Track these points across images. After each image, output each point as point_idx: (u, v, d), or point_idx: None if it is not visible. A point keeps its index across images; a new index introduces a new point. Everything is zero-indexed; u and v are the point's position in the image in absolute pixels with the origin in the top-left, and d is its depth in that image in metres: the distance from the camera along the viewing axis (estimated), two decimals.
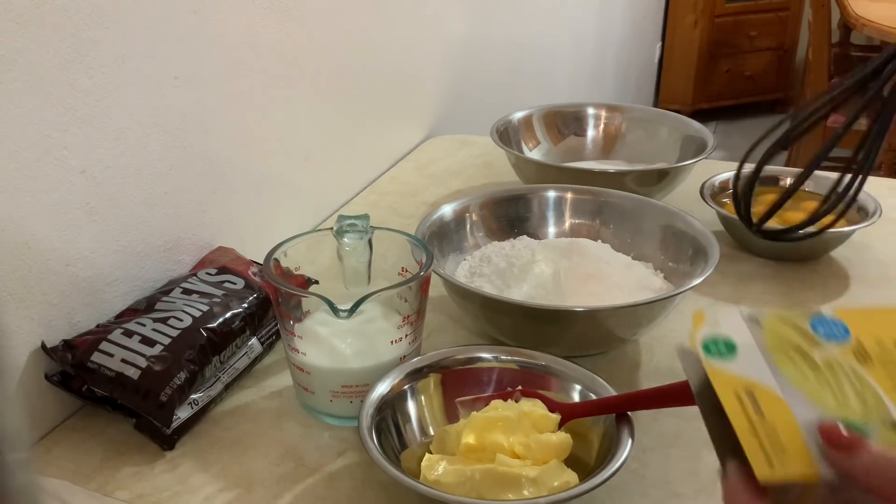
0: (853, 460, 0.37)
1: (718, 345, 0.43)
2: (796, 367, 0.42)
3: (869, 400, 0.41)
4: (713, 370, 0.41)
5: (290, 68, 0.93)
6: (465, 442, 0.58)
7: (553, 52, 2.01)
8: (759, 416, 0.40)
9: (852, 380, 0.42)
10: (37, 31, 0.60)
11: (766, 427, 0.39)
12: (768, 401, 0.40)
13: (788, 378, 0.41)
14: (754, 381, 0.41)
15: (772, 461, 0.38)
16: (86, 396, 0.65)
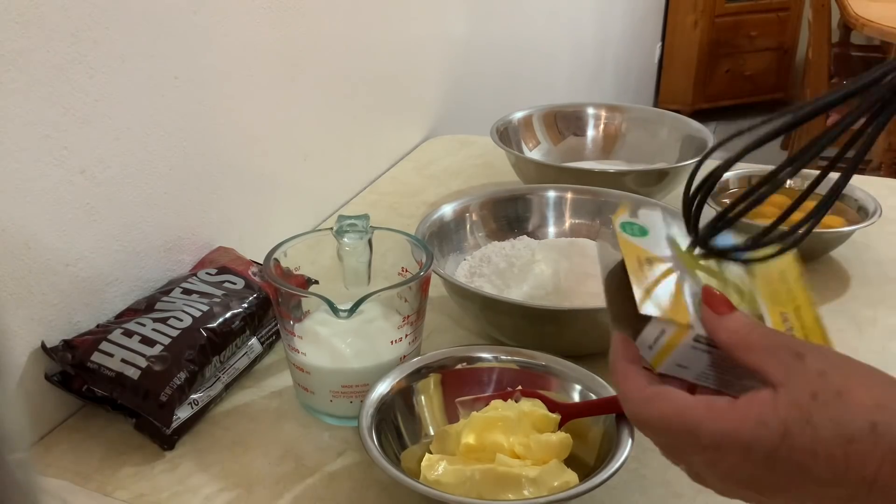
0: (722, 319, 0.41)
1: (634, 227, 0.48)
2: (693, 259, 0.47)
3: (746, 296, 0.46)
4: (624, 240, 0.46)
5: (290, 68, 0.93)
6: (465, 442, 0.58)
7: (553, 52, 2.01)
8: (652, 278, 0.44)
9: (738, 280, 0.47)
10: (37, 31, 0.60)
11: (654, 283, 0.44)
12: (663, 270, 0.45)
13: (684, 262, 0.46)
14: (655, 255, 0.46)
15: (650, 297, 0.43)
16: (86, 396, 0.65)
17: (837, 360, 0.39)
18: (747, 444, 0.38)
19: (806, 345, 0.40)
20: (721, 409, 0.39)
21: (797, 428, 0.37)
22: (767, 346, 0.40)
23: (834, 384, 0.38)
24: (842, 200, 0.97)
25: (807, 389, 0.38)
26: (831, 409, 0.37)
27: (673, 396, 0.41)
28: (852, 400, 0.37)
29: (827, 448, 0.37)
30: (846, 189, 0.96)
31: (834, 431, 0.37)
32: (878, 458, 0.36)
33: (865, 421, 0.36)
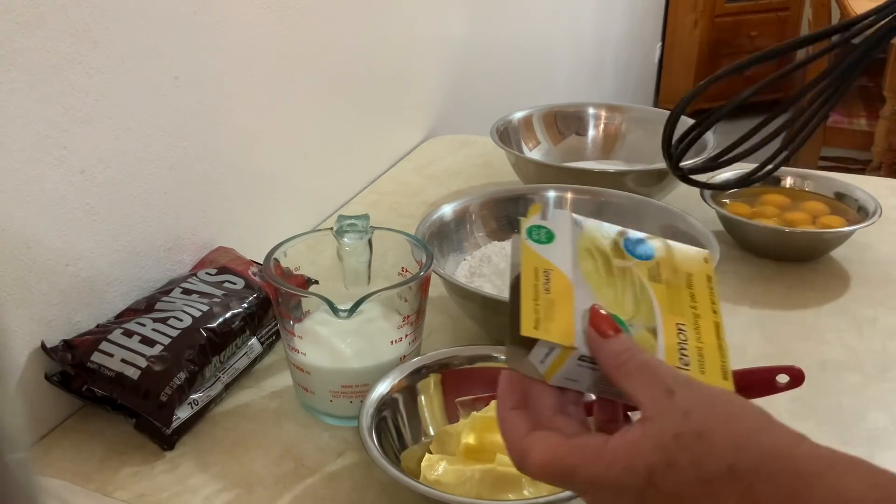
0: (605, 343, 0.42)
1: (541, 232, 0.48)
2: (595, 266, 0.47)
3: (642, 307, 0.46)
4: (527, 248, 0.47)
5: (290, 68, 0.93)
6: (465, 442, 0.58)
7: (553, 52, 2.01)
8: (546, 292, 0.45)
9: (636, 289, 0.47)
10: (37, 31, 0.60)
11: (547, 300, 0.45)
12: (559, 282, 0.46)
13: (583, 271, 0.47)
14: (555, 266, 0.46)
15: (538, 324, 0.43)
16: (86, 396, 0.65)
17: (704, 398, 0.40)
18: (618, 487, 0.39)
19: (679, 379, 0.40)
20: (592, 453, 0.40)
21: (661, 471, 0.38)
22: (642, 378, 0.40)
23: (696, 425, 0.38)
24: (841, 200, 0.97)
25: (671, 430, 0.38)
26: (692, 451, 0.38)
27: (546, 445, 0.41)
28: (713, 441, 0.38)
29: (689, 490, 0.38)
30: (846, 189, 0.97)
31: (694, 474, 0.37)
32: (735, 499, 0.37)
33: (724, 462, 0.37)
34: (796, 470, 0.37)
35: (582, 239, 0.48)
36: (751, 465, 0.37)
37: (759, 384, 0.59)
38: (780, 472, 0.37)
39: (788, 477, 0.37)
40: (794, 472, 0.37)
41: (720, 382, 0.44)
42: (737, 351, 0.80)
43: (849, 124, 2.59)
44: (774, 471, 0.37)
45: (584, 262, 0.47)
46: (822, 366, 0.75)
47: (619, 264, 0.48)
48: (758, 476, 0.37)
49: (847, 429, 0.67)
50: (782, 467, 0.37)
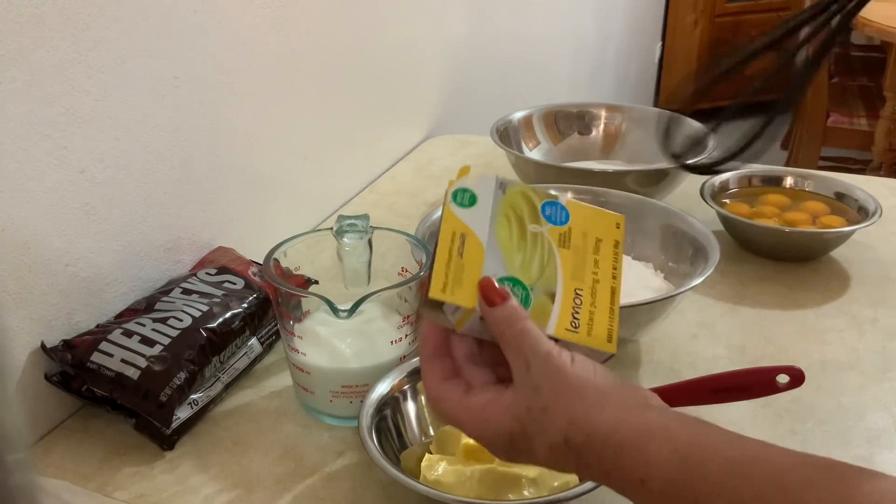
0: (492, 310, 0.47)
1: (465, 196, 0.51)
2: (509, 232, 0.51)
3: (547, 272, 0.50)
4: (448, 211, 0.50)
5: (291, 68, 0.93)
6: (465, 442, 0.58)
7: (553, 52, 2.01)
8: (458, 256, 0.49)
9: (544, 254, 0.51)
10: (37, 31, 0.60)
11: (458, 264, 0.48)
12: (472, 248, 0.49)
13: (498, 237, 0.50)
14: (471, 231, 0.50)
15: (446, 288, 0.47)
16: (86, 396, 0.65)
17: (553, 375, 0.45)
18: (490, 441, 0.47)
19: (538, 354, 0.46)
20: (475, 414, 0.47)
21: (517, 436, 0.46)
22: (513, 347, 0.46)
23: (542, 400, 0.45)
24: (841, 200, 0.97)
25: (524, 403, 0.45)
26: (539, 424, 0.45)
27: (450, 397, 0.48)
28: (554, 416, 0.45)
29: (540, 452, 0.45)
30: (846, 189, 0.97)
31: (541, 441, 0.45)
32: (573, 463, 0.45)
33: (561, 435, 0.44)
34: (617, 441, 0.43)
35: (503, 204, 0.51)
36: (581, 439, 0.44)
37: (759, 384, 0.59)
38: (603, 446, 0.43)
39: (610, 448, 0.43)
40: (616, 444, 0.43)
41: (604, 345, 0.50)
42: (737, 351, 0.80)
43: (849, 124, 2.59)
44: (597, 444, 0.44)
45: (501, 227, 0.51)
46: (822, 366, 0.75)
47: (532, 229, 0.51)
48: (586, 448, 0.44)
49: (847, 429, 0.67)
50: (604, 441, 0.43)
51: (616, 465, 0.43)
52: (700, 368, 0.74)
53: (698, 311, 0.82)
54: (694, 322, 0.81)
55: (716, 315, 0.83)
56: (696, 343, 0.78)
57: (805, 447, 0.64)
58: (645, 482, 0.42)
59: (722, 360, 0.76)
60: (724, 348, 0.77)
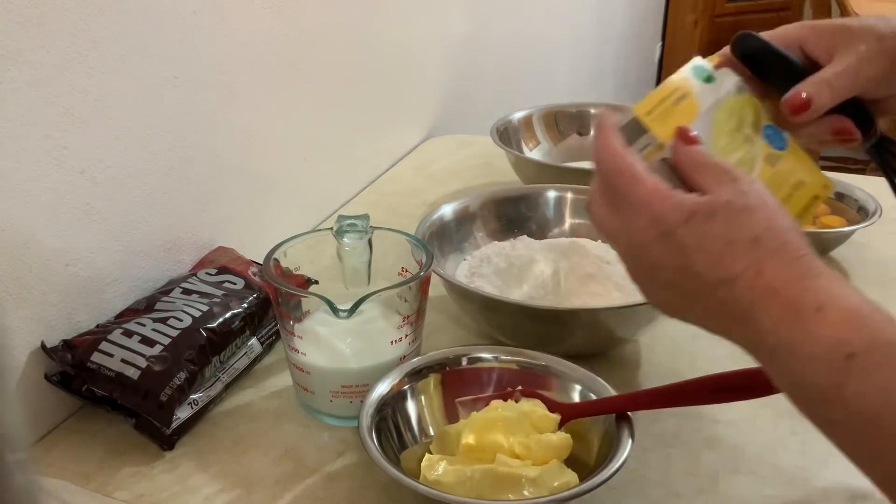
0: (686, 147, 0.48)
1: (703, 73, 0.54)
2: (727, 120, 0.53)
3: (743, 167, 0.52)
4: (683, 73, 0.53)
5: (290, 68, 0.93)
6: (465, 442, 0.58)
7: (553, 51, 2.01)
8: (673, 104, 0.51)
9: (747, 156, 0.53)
10: (37, 31, 0.60)
11: (668, 109, 0.51)
12: (688, 107, 0.52)
13: (714, 118, 0.53)
14: (695, 97, 0.52)
15: (650, 114, 0.50)
16: (86, 396, 0.65)
17: (763, 191, 0.45)
18: (656, 215, 0.45)
19: (745, 174, 0.46)
20: (657, 188, 0.46)
21: (699, 219, 0.44)
22: (713, 171, 0.46)
23: (747, 201, 0.44)
24: (841, 200, 0.97)
25: (726, 197, 0.44)
26: (733, 215, 0.44)
27: (633, 161, 0.48)
28: (754, 216, 0.44)
29: (712, 242, 0.44)
30: (846, 189, 0.97)
31: (723, 231, 0.43)
32: (744, 264, 0.43)
33: (752, 233, 0.43)
34: (803, 269, 0.42)
35: (733, 99, 0.54)
36: (773, 245, 0.43)
37: (759, 384, 0.59)
38: (791, 262, 0.42)
39: (800, 266, 0.42)
40: (806, 266, 0.42)
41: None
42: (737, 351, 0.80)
43: None
44: (787, 259, 0.42)
45: (721, 110, 0.53)
46: None
47: (748, 132, 0.53)
48: (773, 256, 0.42)
49: None
50: (794, 258, 0.42)
51: (793, 283, 0.42)
52: (700, 368, 0.74)
53: None
54: None
55: None
56: (696, 343, 0.78)
57: (805, 447, 0.65)
58: (822, 309, 0.40)
59: (722, 360, 0.75)
60: (724, 348, 0.76)
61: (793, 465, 0.63)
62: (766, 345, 0.43)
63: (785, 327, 0.42)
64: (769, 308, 0.42)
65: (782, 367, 0.43)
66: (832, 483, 0.61)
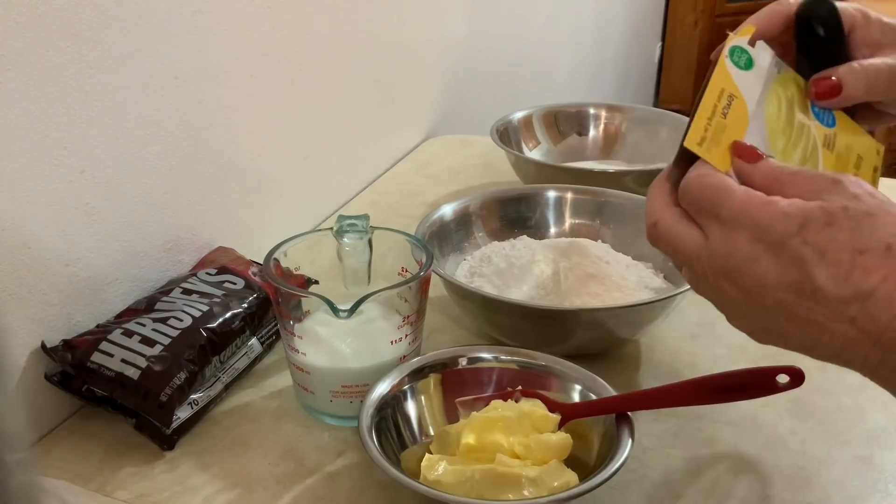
0: (754, 167, 0.44)
1: (743, 57, 0.49)
2: (778, 111, 0.49)
3: (808, 164, 0.48)
4: (722, 66, 0.48)
5: (291, 68, 0.93)
6: (465, 442, 0.58)
7: (553, 52, 2.01)
8: (722, 116, 0.46)
9: (808, 148, 0.49)
10: (37, 31, 0.60)
11: (720, 124, 0.46)
12: (738, 112, 0.47)
13: (766, 113, 0.48)
14: (741, 95, 0.48)
15: (703, 143, 0.45)
16: (86, 396, 0.65)
17: (870, 191, 0.41)
18: (762, 225, 0.41)
19: (842, 174, 0.42)
20: (753, 195, 0.42)
21: (816, 226, 0.39)
22: (802, 178, 0.42)
23: (865, 206, 0.40)
24: None
25: (840, 203, 0.40)
26: (856, 222, 0.39)
27: (712, 175, 0.44)
28: (880, 222, 0.39)
29: (837, 252, 0.39)
30: None
31: (849, 240, 0.39)
32: (881, 275, 0.38)
33: (884, 240, 0.38)
34: None
35: (776, 82, 0.49)
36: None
37: (759, 384, 0.59)
38: None
39: None
40: None
41: None
42: (737, 351, 0.80)
43: None
44: None
45: (770, 103, 0.49)
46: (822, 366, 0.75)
47: (800, 119, 0.49)
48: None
49: (847, 429, 0.67)
50: None
51: None
52: (700, 368, 0.74)
53: (698, 311, 0.82)
54: (694, 322, 0.81)
55: (716, 315, 0.82)
56: (696, 343, 0.78)
57: (805, 447, 0.65)
58: None
59: (722, 360, 0.76)
60: (724, 348, 0.77)
61: (793, 465, 0.63)
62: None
63: None
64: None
65: None
66: (832, 483, 0.61)
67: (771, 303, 0.41)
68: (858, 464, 0.63)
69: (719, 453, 0.64)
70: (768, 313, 0.42)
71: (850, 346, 0.40)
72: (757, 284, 0.41)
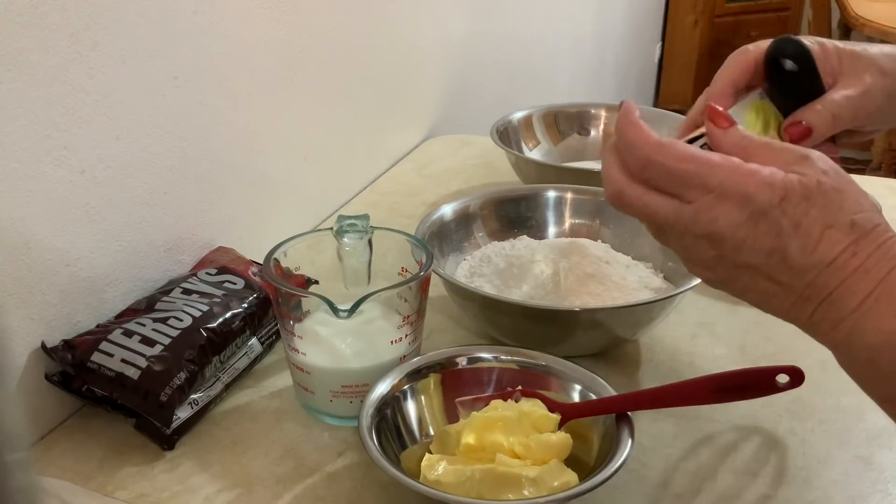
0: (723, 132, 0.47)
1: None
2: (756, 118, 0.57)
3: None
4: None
5: (291, 68, 0.93)
6: (465, 442, 0.58)
7: (553, 52, 2.01)
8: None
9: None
10: (37, 31, 0.60)
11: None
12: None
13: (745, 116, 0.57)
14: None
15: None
16: (86, 396, 0.65)
17: (836, 168, 0.45)
18: (749, 195, 0.44)
19: (808, 149, 0.45)
20: (736, 163, 0.44)
21: (796, 199, 0.43)
22: (770, 151, 0.45)
23: (834, 182, 0.44)
24: None
25: (815, 177, 0.44)
26: (828, 197, 0.43)
27: (684, 145, 0.46)
28: (847, 198, 0.44)
29: (809, 225, 0.43)
30: None
31: (821, 214, 0.43)
32: (843, 247, 0.43)
33: (849, 216, 0.43)
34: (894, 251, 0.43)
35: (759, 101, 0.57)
36: (867, 227, 0.43)
37: (759, 384, 0.59)
38: (882, 245, 0.43)
39: (886, 250, 0.43)
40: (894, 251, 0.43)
41: None
42: (737, 351, 0.80)
43: None
44: (882, 238, 0.43)
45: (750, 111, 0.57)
46: (822, 366, 0.75)
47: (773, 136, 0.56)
48: (866, 237, 0.43)
49: (847, 429, 0.67)
50: (886, 241, 0.43)
51: (884, 262, 0.42)
52: (700, 368, 0.74)
53: (698, 311, 0.82)
54: (694, 322, 0.81)
55: (716, 315, 0.83)
56: (696, 343, 0.78)
57: (805, 447, 0.65)
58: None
59: (722, 360, 0.76)
60: (724, 348, 0.77)
61: (793, 465, 0.63)
62: (845, 322, 0.44)
63: (873, 302, 0.43)
64: (857, 286, 0.43)
65: (860, 344, 0.44)
66: (832, 483, 0.61)
67: (741, 263, 0.45)
68: (858, 464, 0.63)
69: (719, 453, 0.64)
70: (736, 271, 0.46)
71: (799, 304, 0.45)
72: (734, 247, 0.45)
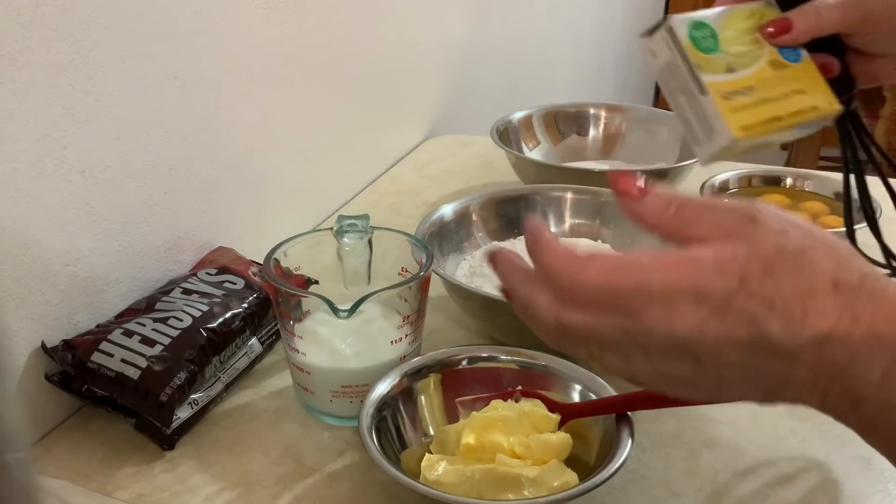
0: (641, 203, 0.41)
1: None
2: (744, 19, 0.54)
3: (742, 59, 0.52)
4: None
5: (291, 68, 0.93)
6: (465, 442, 0.58)
7: (553, 52, 2.01)
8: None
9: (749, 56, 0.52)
10: (37, 31, 0.60)
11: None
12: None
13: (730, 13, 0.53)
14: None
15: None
16: (86, 396, 0.65)
17: (792, 221, 0.38)
18: (698, 289, 0.36)
19: (755, 206, 0.38)
20: (671, 259, 0.37)
21: (756, 278, 0.36)
22: (709, 211, 0.39)
23: (797, 242, 0.37)
24: (841, 201, 0.97)
25: (772, 244, 0.37)
26: (795, 263, 0.36)
27: (609, 255, 0.39)
28: (817, 258, 0.37)
29: (786, 300, 0.36)
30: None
31: (794, 285, 0.36)
32: (835, 314, 0.36)
33: (828, 277, 0.36)
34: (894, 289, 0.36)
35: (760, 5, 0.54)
36: (855, 279, 0.36)
37: None
38: (883, 291, 0.36)
39: (887, 303, 0.36)
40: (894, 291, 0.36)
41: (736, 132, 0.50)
42: None
43: None
44: (877, 289, 0.36)
45: (741, 12, 0.53)
46: None
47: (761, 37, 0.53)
48: (862, 289, 0.36)
49: (847, 429, 0.67)
50: (885, 286, 0.36)
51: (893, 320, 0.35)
52: None
53: None
54: None
55: None
56: None
57: (805, 447, 0.65)
58: None
59: None
60: None
61: (793, 465, 0.63)
62: (871, 402, 0.37)
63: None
64: (875, 358, 0.36)
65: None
66: (832, 483, 0.61)
67: (725, 365, 0.38)
68: (858, 464, 0.63)
69: (719, 453, 0.64)
70: (723, 377, 0.38)
71: (807, 388, 0.38)
72: (709, 352, 0.37)
